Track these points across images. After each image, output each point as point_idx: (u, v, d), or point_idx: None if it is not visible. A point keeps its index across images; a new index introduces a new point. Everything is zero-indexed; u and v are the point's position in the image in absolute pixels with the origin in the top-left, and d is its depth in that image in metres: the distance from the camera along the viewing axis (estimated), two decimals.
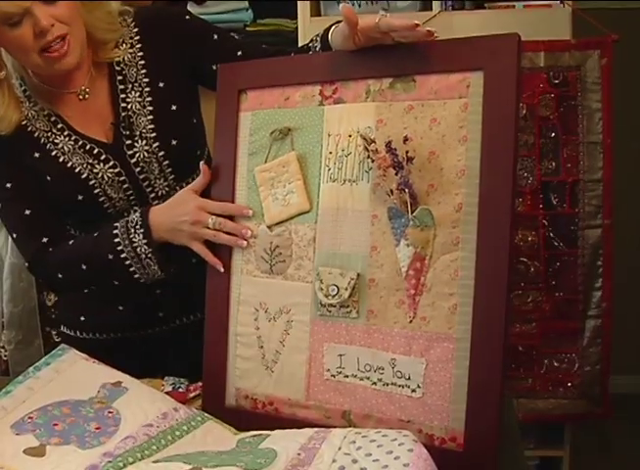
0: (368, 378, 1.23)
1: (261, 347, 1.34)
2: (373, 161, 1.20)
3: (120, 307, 1.59)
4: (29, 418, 1.19)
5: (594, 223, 2.20)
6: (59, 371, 1.32)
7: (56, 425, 1.18)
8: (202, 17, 1.61)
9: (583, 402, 2.28)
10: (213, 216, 1.35)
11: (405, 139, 1.18)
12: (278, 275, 1.32)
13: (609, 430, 2.99)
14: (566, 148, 2.20)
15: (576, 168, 2.20)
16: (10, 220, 1.53)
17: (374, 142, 1.20)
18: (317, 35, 1.41)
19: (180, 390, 1.45)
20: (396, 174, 1.17)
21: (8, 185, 1.48)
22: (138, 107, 1.49)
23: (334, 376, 1.26)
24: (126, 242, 1.41)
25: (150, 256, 1.41)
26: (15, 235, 1.52)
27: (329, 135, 1.27)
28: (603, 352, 2.24)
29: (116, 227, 1.43)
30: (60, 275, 1.49)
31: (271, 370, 1.32)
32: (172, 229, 1.39)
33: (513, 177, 1.12)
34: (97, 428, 1.18)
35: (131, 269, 1.43)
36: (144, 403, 1.25)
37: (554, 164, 2.21)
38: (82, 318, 1.62)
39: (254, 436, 1.18)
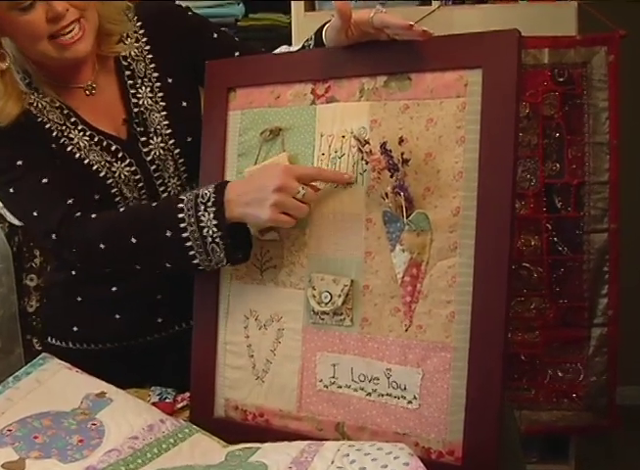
0: (362, 389, 1.23)
1: (251, 356, 1.34)
2: (367, 162, 1.21)
3: (117, 316, 1.58)
4: (8, 430, 1.19)
5: (600, 227, 2.21)
6: (40, 381, 1.33)
7: (36, 438, 1.18)
8: None
9: (589, 414, 2.28)
10: (303, 186, 1.23)
11: (400, 140, 1.19)
12: (269, 281, 1.33)
13: (616, 443, 3.00)
14: (570, 149, 2.21)
15: (582, 170, 2.21)
16: (25, 198, 1.43)
17: (368, 143, 1.20)
18: (313, 34, 1.41)
19: (167, 400, 1.45)
20: (391, 177, 1.18)
21: (19, 162, 1.41)
22: (150, 102, 1.50)
23: (327, 386, 1.27)
24: (192, 220, 1.29)
25: (217, 240, 1.28)
26: (35, 213, 1.41)
27: (321, 136, 1.28)
28: (609, 362, 2.25)
29: (182, 200, 1.31)
30: (102, 245, 1.36)
31: (262, 380, 1.33)
32: (253, 201, 1.25)
33: (513, 180, 1.13)
34: (80, 441, 1.18)
35: (191, 253, 1.31)
36: (129, 415, 1.25)
37: (558, 165, 2.22)
38: (75, 329, 1.60)
39: (244, 449, 1.18)
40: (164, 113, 1.51)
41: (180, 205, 1.31)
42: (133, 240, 1.33)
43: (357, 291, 1.24)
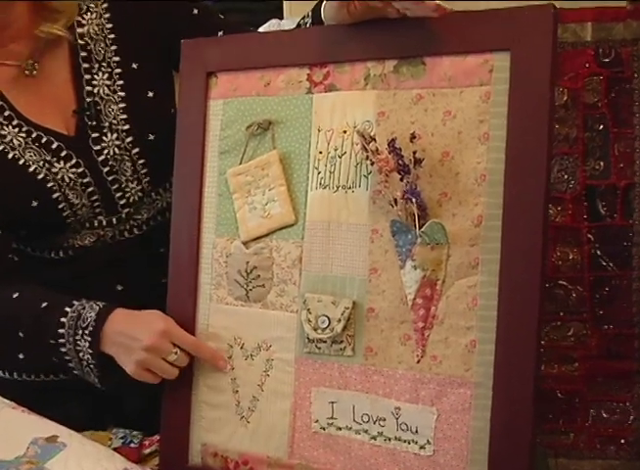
0: (366, 431, 1.26)
1: (235, 391, 1.37)
2: (373, 163, 1.22)
3: None
4: None
5: None
6: None
7: None
8: None
9: None
10: (177, 349, 1.36)
11: (412, 136, 1.20)
12: (256, 303, 1.35)
13: None
14: (617, 144, 2.20)
15: (631, 169, 2.20)
16: None
17: (374, 140, 1.22)
18: (310, 10, 1.43)
19: (132, 445, 1.47)
20: (401, 180, 1.19)
21: None
22: (107, 92, 1.52)
23: (324, 428, 1.29)
24: (70, 339, 1.42)
25: (91, 366, 1.42)
26: None
27: (319, 130, 1.30)
28: None
29: (67, 314, 1.43)
30: None
31: (247, 421, 1.35)
32: (123, 346, 1.38)
33: (546, 183, 1.14)
34: None
35: (70, 365, 1.45)
36: (85, 463, 1.26)
37: (602, 163, 2.21)
38: (21, 356, 1.59)
39: None
40: (123, 104, 1.52)
41: (63, 319, 1.42)
42: (20, 334, 1.46)
43: (360, 315, 1.26)
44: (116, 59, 1.53)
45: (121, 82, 1.53)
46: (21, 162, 1.49)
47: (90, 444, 1.34)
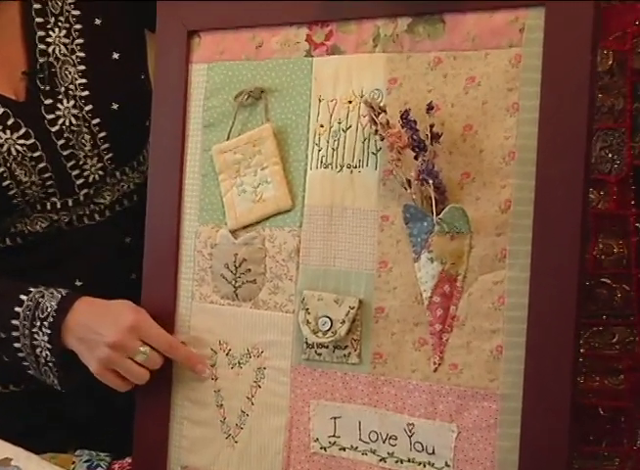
0: (374, 452, 1.27)
1: (220, 405, 1.38)
2: (383, 138, 1.23)
3: None
4: None
5: None
6: None
7: None
8: None
9: None
10: (146, 347, 1.37)
11: (429, 107, 1.21)
12: (245, 302, 1.37)
13: None
14: None
15: None
16: None
17: (384, 111, 1.23)
18: None
19: (99, 469, 1.49)
20: (416, 158, 1.20)
21: None
22: (64, 51, 1.52)
23: (325, 448, 1.31)
24: (26, 332, 1.43)
25: (50, 364, 1.44)
26: None
27: (320, 100, 1.31)
28: None
29: (22, 302, 1.45)
30: None
31: (234, 440, 1.37)
32: (86, 341, 1.40)
33: (585, 162, 1.14)
34: None
35: (24, 364, 1.47)
36: None
37: None
38: None
39: None
40: (82, 67, 1.53)
41: (18, 308, 1.44)
42: None
43: (368, 315, 1.27)
44: (76, 13, 1.54)
45: (81, 41, 1.53)
46: None
47: (50, 467, 1.36)
